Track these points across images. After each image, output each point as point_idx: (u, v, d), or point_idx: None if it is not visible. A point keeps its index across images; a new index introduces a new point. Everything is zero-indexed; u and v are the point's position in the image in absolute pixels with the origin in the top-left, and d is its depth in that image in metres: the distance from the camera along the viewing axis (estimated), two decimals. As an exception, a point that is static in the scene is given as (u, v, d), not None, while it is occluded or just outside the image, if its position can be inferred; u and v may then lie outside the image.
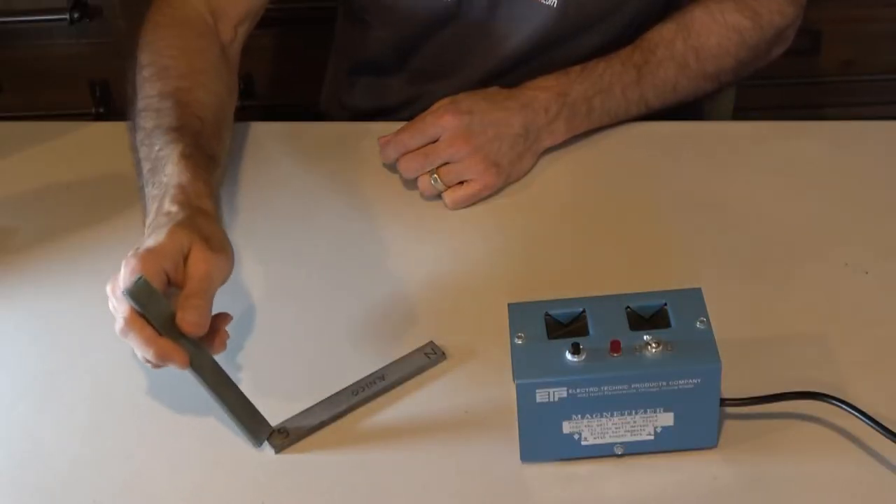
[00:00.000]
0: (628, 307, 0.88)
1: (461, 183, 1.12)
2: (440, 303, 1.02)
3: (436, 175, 1.11)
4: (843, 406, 0.87)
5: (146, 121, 1.08)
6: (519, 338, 0.86)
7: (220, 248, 0.94)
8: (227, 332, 0.93)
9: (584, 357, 0.84)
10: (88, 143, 1.26)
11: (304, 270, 1.07)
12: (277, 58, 1.67)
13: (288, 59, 1.68)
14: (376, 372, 0.95)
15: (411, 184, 1.14)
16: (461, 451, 0.90)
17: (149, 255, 0.91)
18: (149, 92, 1.10)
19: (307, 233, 1.12)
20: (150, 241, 0.92)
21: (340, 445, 0.91)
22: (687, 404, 0.85)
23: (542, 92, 1.15)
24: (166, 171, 1.01)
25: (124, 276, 0.90)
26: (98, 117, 1.62)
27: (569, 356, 0.84)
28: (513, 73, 1.26)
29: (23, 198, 1.18)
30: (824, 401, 0.88)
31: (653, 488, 0.86)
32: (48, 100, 1.63)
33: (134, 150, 1.08)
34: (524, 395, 0.84)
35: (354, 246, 1.10)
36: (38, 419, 0.95)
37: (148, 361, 0.90)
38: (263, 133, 1.25)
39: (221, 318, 0.93)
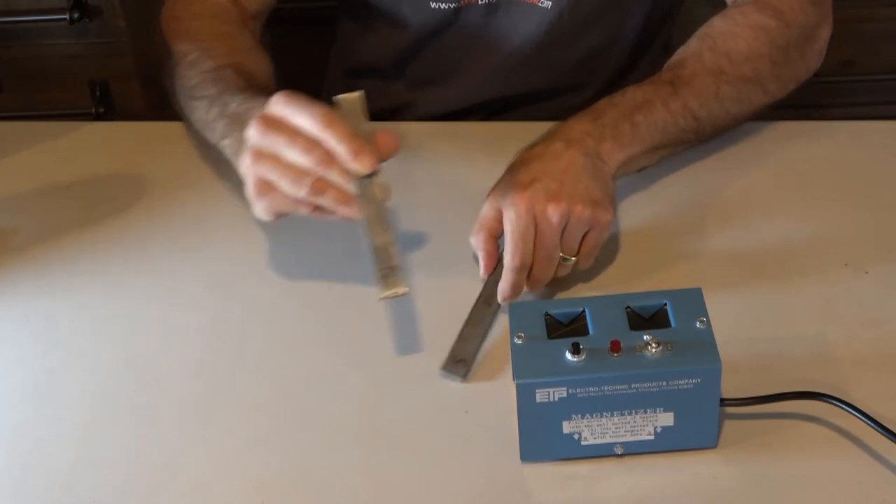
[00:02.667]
0: (628, 307, 0.88)
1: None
2: (439, 302, 1.02)
3: (562, 255, 1.00)
4: (843, 406, 0.87)
5: (206, 89, 1.08)
6: (519, 337, 0.86)
7: None
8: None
9: (584, 357, 0.84)
10: (88, 143, 1.26)
11: (300, 276, 1.07)
12: (278, 57, 1.67)
13: (288, 58, 1.67)
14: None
15: (411, 183, 1.14)
16: (461, 451, 0.90)
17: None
18: (202, 69, 1.11)
19: (306, 232, 1.11)
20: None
21: (342, 446, 0.91)
22: (687, 404, 0.85)
23: (574, 124, 1.06)
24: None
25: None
26: (98, 117, 1.61)
27: (569, 356, 0.84)
28: (512, 74, 1.27)
29: (23, 198, 1.18)
30: (824, 401, 0.88)
31: (653, 488, 0.86)
32: (48, 100, 1.63)
33: (193, 118, 1.09)
34: (524, 395, 0.84)
35: (350, 247, 1.09)
36: (38, 419, 0.95)
37: (314, 186, 0.93)
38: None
39: None
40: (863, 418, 0.86)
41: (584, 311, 0.88)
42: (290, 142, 0.93)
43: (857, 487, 0.85)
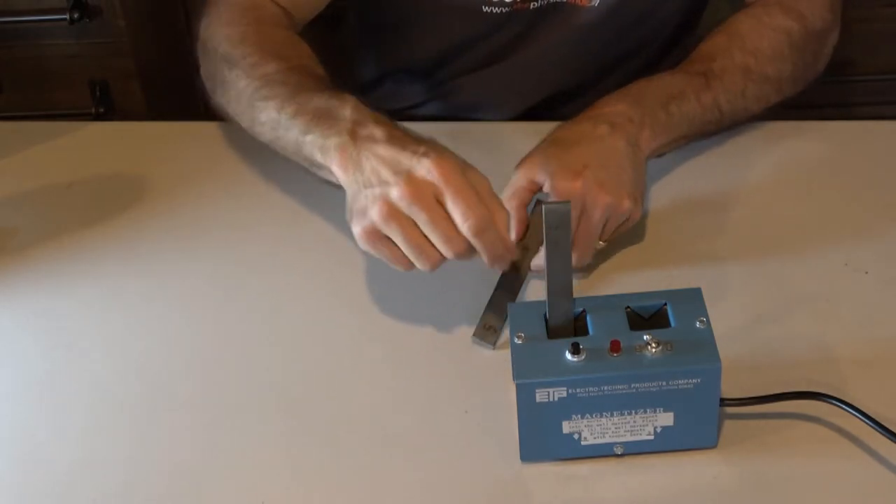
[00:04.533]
0: (628, 307, 0.88)
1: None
2: (438, 302, 1.02)
3: (600, 242, 1.03)
4: (843, 406, 0.87)
5: (276, 89, 1.05)
6: (519, 337, 0.86)
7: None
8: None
9: (584, 357, 0.84)
10: (88, 143, 1.26)
11: (300, 276, 1.07)
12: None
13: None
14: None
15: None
16: (461, 451, 0.90)
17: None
18: (266, 70, 1.07)
19: (306, 233, 1.11)
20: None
21: (342, 446, 0.91)
22: (687, 404, 0.85)
23: (616, 106, 1.08)
24: (344, 114, 0.99)
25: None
26: (98, 117, 1.61)
27: (569, 356, 0.84)
28: (551, 72, 1.27)
29: (23, 198, 1.18)
30: (824, 401, 0.88)
31: (653, 488, 0.86)
32: (48, 100, 1.63)
33: (259, 118, 1.06)
34: (524, 395, 0.84)
35: (346, 253, 1.09)
36: (38, 419, 0.95)
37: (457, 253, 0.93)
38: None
39: None
40: (863, 418, 0.86)
41: (583, 311, 0.88)
42: (432, 224, 0.91)
43: (857, 487, 0.85)
